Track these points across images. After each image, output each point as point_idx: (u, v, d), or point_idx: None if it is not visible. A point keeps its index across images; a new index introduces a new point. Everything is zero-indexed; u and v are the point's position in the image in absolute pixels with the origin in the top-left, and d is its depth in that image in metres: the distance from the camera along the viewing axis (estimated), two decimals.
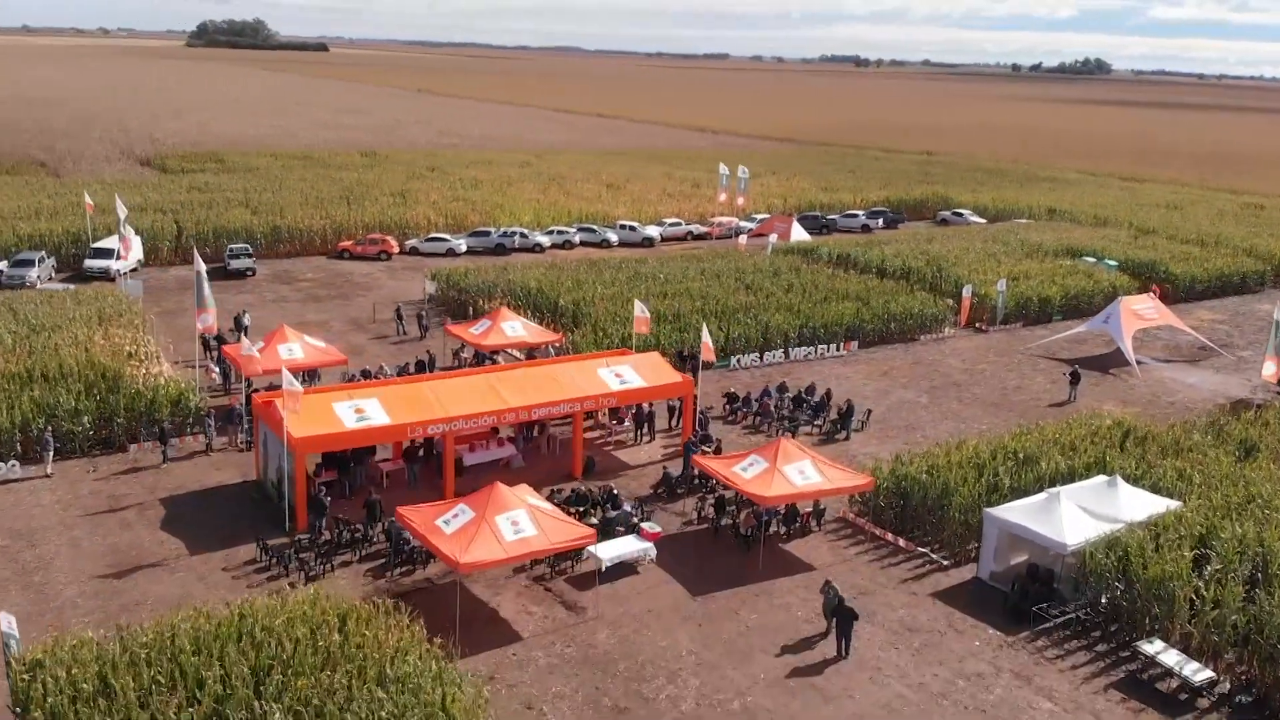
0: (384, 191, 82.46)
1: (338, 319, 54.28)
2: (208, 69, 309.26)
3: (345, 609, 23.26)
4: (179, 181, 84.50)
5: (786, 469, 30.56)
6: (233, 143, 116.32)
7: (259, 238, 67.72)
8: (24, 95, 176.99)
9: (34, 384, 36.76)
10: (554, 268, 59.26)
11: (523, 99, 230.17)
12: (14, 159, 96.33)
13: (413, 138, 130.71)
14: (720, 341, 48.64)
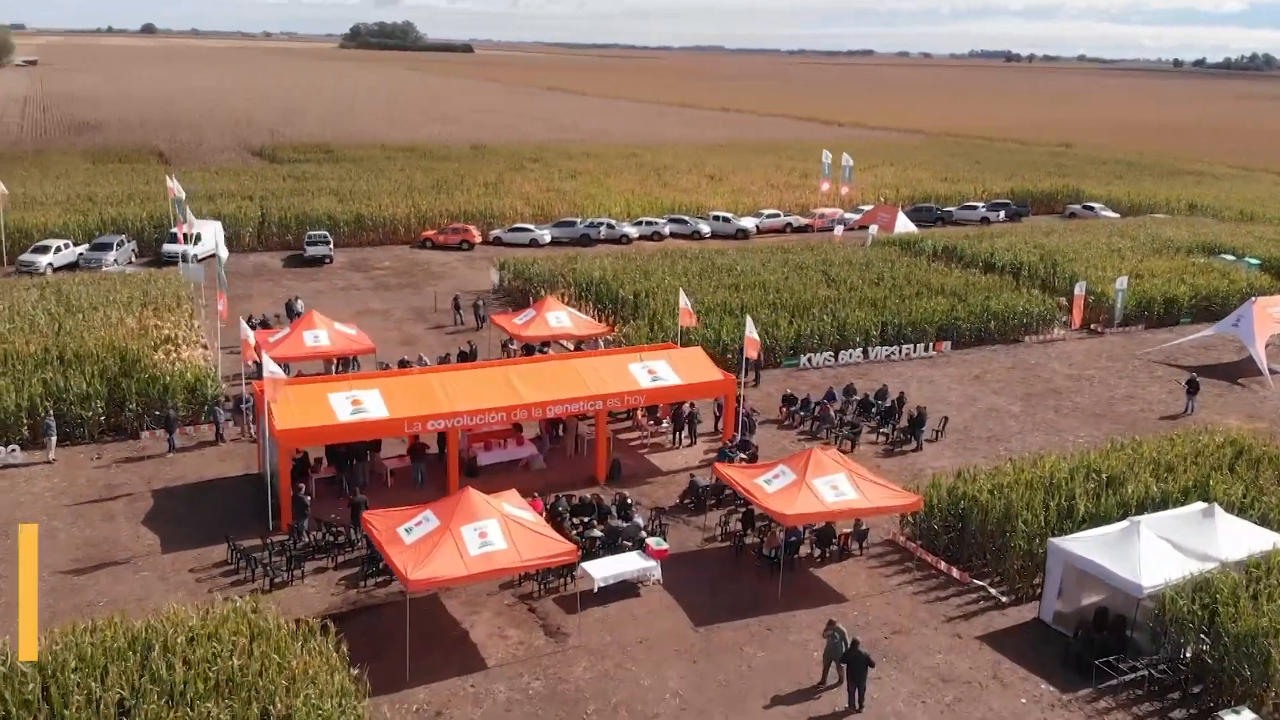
0: (478, 182, 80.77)
1: (401, 308, 52.27)
2: (351, 69, 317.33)
3: (260, 628, 20.41)
4: (279, 171, 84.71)
5: (816, 483, 26.49)
6: (350, 135, 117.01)
7: (342, 226, 66.61)
8: (168, 92, 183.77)
9: (48, 367, 35.45)
10: (625, 258, 55.95)
11: (649, 95, 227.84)
12: (135, 149, 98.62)
13: (528, 132, 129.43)
14: (790, 338, 44.55)
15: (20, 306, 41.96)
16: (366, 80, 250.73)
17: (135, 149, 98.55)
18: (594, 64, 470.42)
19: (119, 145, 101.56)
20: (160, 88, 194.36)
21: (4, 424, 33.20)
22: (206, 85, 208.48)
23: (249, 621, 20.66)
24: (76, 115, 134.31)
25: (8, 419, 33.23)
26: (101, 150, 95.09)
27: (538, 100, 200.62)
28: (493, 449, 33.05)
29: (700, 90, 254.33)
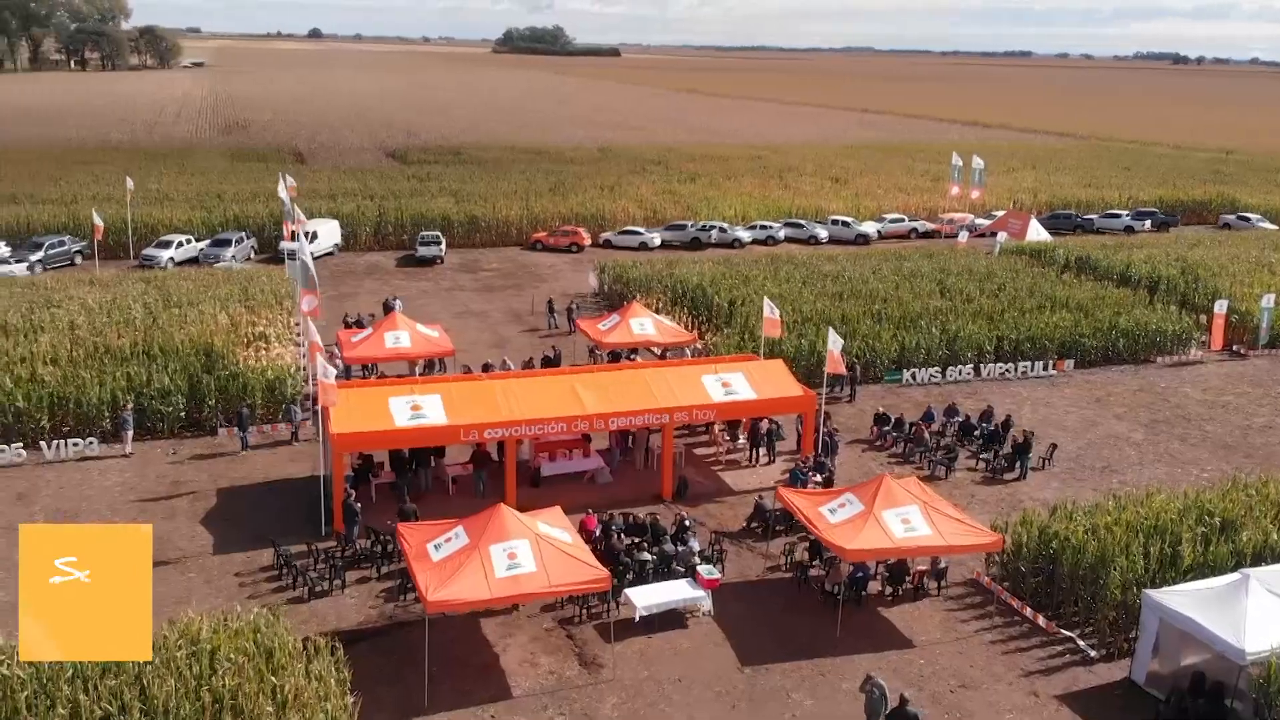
0: (596, 185, 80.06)
1: (499, 309, 51.73)
2: (498, 73, 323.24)
3: (266, 645, 19.56)
4: (405, 172, 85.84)
5: (885, 515, 24.27)
6: (484, 137, 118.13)
7: (456, 226, 66.76)
8: (322, 94, 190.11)
9: (133, 361, 35.94)
10: (728, 263, 54.15)
11: (788, 97, 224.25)
12: (275, 148, 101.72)
13: (658, 134, 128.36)
14: (893, 351, 41.98)
15: (122, 300, 42.94)
16: (510, 84, 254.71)
17: (275, 148, 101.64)
18: (739, 66, 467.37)
19: (260, 145, 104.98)
20: (314, 90, 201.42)
21: (86, 416, 33.75)
22: (358, 88, 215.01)
23: (257, 637, 19.84)
24: (229, 115, 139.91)
25: (90, 411, 33.75)
26: (242, 149, 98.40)
27: (674, 103, 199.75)
28: (557, 459, 31.81)
29: (843, 91, 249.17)
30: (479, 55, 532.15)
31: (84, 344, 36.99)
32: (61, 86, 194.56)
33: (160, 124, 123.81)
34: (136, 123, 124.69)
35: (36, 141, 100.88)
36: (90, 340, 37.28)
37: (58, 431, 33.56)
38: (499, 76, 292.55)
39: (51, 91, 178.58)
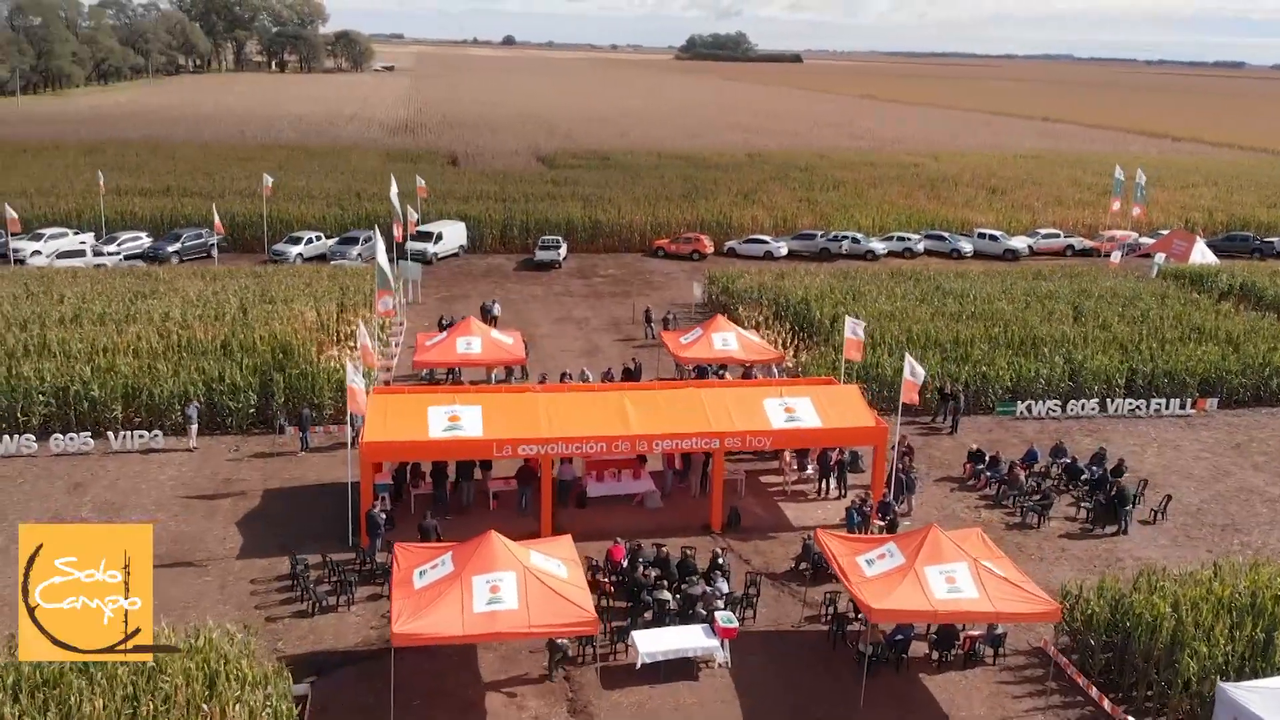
0: (732, 191, 77.81)
1: (601, 317, 50.36)
2: (676, 78, 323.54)
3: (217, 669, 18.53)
4: (547, 175, 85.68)
5: (928, 571, 21.47)
6: (638, 142, 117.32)
7: (579, 231, 65.91)
8: (492, 99, 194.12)
9: (208, 356, 36.19)
10: (845, 276, 51.07)
11: (970, 104, 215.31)
12: (433, 150, 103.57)
13: (816, 140, 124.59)
14: (1008, 380, 38.35)
15: (222, 294, 43.61)
16: (682, 90, 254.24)
17: (431, 151, 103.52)
18: (927, 73, 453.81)
19: (419, 147, 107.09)
20: (491, 95, 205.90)
21: (158, 409, 34.11)
22: (533, 93, 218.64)
23: (211, 657, 18.87)
24: (403, 117, 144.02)
25: (160, 404, 34.08)
26: (399, 151, 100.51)
27: (844, 109, 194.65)
28: (605, 480, 30.03)
29: (1028, 99, 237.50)
30: (662, 62, 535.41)
31: (169, 336, 37.51)
32: (256, 86, 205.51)
33: (333, 125, 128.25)
34: (312, 123, 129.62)
35: (209, 138, 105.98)
36: (175, 333, 37.80)
37: (129, 422, 34.04)
38: (673, 82, 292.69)
39: (244, 90, 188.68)
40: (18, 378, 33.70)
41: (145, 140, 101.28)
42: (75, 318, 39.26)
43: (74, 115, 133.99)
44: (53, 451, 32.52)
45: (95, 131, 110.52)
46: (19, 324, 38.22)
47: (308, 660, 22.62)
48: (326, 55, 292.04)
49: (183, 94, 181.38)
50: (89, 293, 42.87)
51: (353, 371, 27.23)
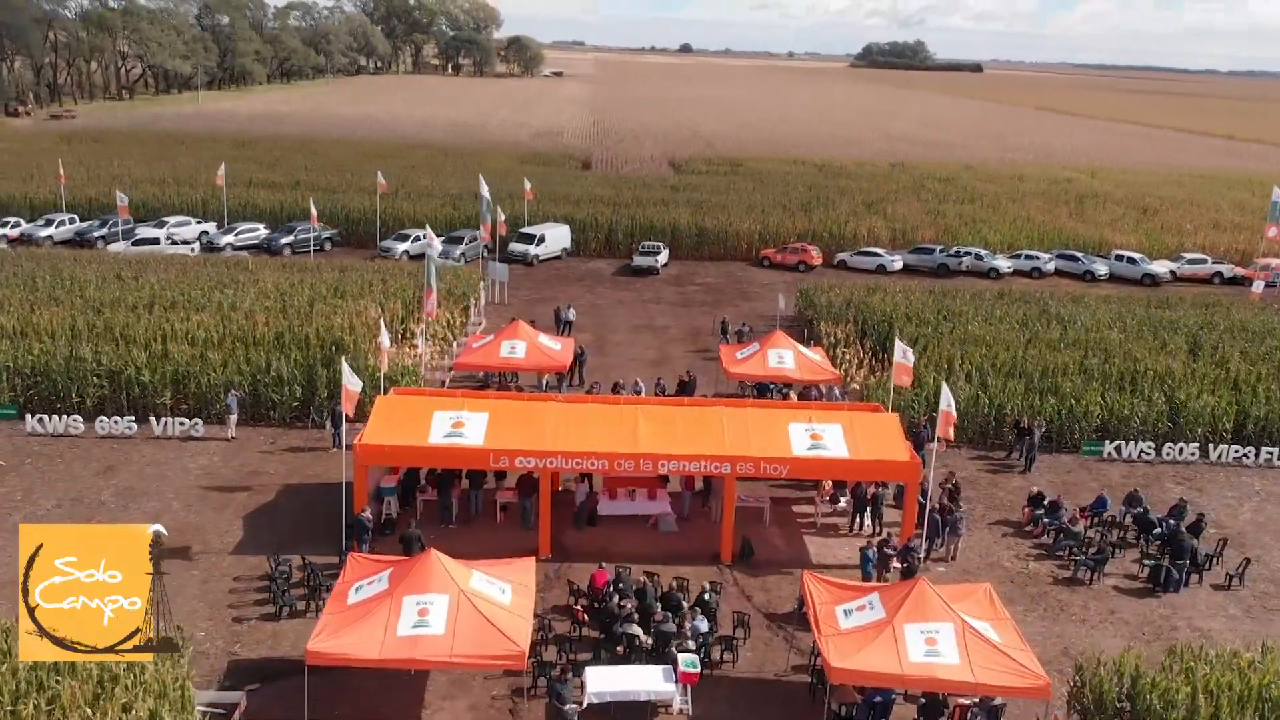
0: (854, 200, 74.74)
1: (682, 326, 48.72)
2: (843, 86, 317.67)
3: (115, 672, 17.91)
4: (668, 181, 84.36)
5: (907, 630, 19.14)
6: (779, 148, 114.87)
7: (685, 237, 64.38)
8: (651, 104, 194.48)
9: (260, 347, 36.37)
10: (943, 294, 47.83)
11: (1151, 119, 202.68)
12: (568, 154, 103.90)
13: (967, 151, 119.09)
14: (1098, 417, 34.85)
15: (298, 287, 44.02)
16: (851, 97, 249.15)
17: (567, 154, 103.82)
18: (1115, 86, 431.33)
19: (558, 149, 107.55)
20: (653, 100, 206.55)
21: (204, 397, 34.44)
22: (694, 99, 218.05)
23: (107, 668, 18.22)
24: (555, 121, 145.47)
25: (206, 393, 34.40)
26: (533, 154, 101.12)
27: (1012, 121, 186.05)
28: (618, 498, 28.47)
29: (1221, 116, 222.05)
30: (836, 70, 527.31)
31: (230, 326, 37.91)
32: (427, 88, 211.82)
33: (484, 128, 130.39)
34: (464, 125, 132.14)
35: (360, 136, 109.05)
36: (237, 323, 38.17)
37: (177, 409, 34.47)
38: (841, 90, 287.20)
39: (414, 92, 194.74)
40: (76, 359, 34.57)
41: (293, 137, 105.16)
42: (149, 304, 40.17)
43: (244, 111, 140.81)
44: (98, 433, 33.21)
45: (256, 127, 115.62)
46: (94, 308, 39.35)
47: (260, 666, 21.98)
48: (499, 60, 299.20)
49: (356, 94, 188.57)
50: (173, 280, 43.96)
51: (348, 373, 26.53)
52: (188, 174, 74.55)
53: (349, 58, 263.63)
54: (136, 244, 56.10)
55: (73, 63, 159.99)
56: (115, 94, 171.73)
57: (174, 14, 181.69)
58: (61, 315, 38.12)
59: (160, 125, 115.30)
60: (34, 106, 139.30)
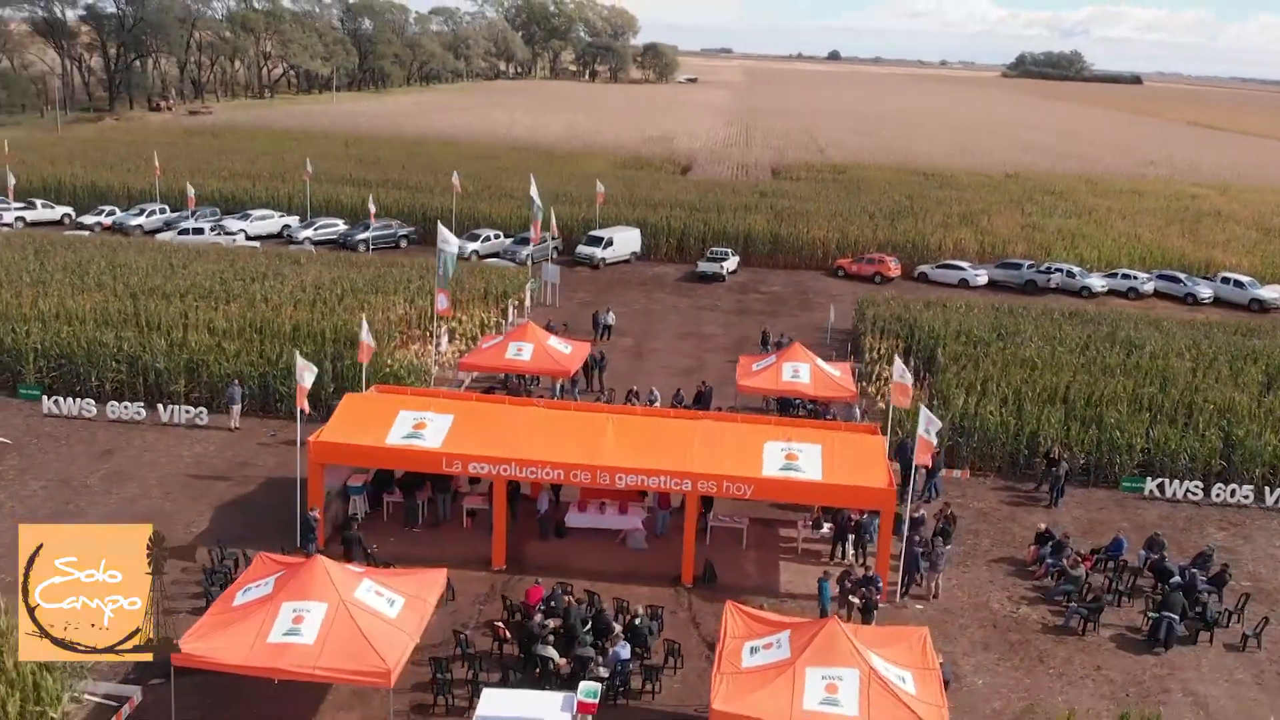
0: (949, 211, 71.42)
1: (731, 335, 47.08)
2: (991, 95, 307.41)
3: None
4: (760, 187, 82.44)
5: (810, 673, 17.43)
6: (896, 157, 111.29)
7: (758, 244, 62.59)
8: (776, 110, 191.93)
9: (276, 338, 36.49)
10: (1006, 312, 44.95)
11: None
12: (666, 159, 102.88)
13: (1097, 163, 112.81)
14: (1142, 451, 31.90)
15: (340, 281, 44.22)
16: (992, 106, 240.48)
17: (669, 159, 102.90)
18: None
19: (661, 154, 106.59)
20: (780, 106, 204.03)
21: (215, 386, 34.71)
22: (826, 107, 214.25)
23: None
24: (662, 127, 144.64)
25: (215, 383, 34.66)
26: (634, 157, 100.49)
27: (1153, 134, 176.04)
28: (588, 511, 27.25)
29: None
30: (987, 79, 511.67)
31: (252, 317, 38.17)
32: (557, 93, 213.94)
33: (599, 133, 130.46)
34: (578, 130, 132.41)
35: (465, 137, 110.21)
36: (260, 315, 38.43)
37: (189, 397, 34.82)
38: (985, 99, 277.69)
39: (543, 96, 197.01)
40: (98, 344, 35.30)
41: (405, 137, 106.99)
42: (184, 293, 40.84)
43: (371, 111, 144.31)
44: (108, 417, 33.75)
45: (375, 126, 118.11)
46: (131, 295, 40.23)
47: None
48: (635, 66, 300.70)
49: (485, 98, 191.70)
50: (217, 270, 44.68)
51: (301, 365, 26.12)
52: (284, 169, 76.42)
53: (488, 63, 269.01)
54: (182, 234, 57.80)
55: (215, 61, 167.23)
56: (257, 93, 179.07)
57: (317, 17, 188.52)
58: (98, 301, 39.05)
59: (284, 123, 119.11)
60: (175, 102, 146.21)
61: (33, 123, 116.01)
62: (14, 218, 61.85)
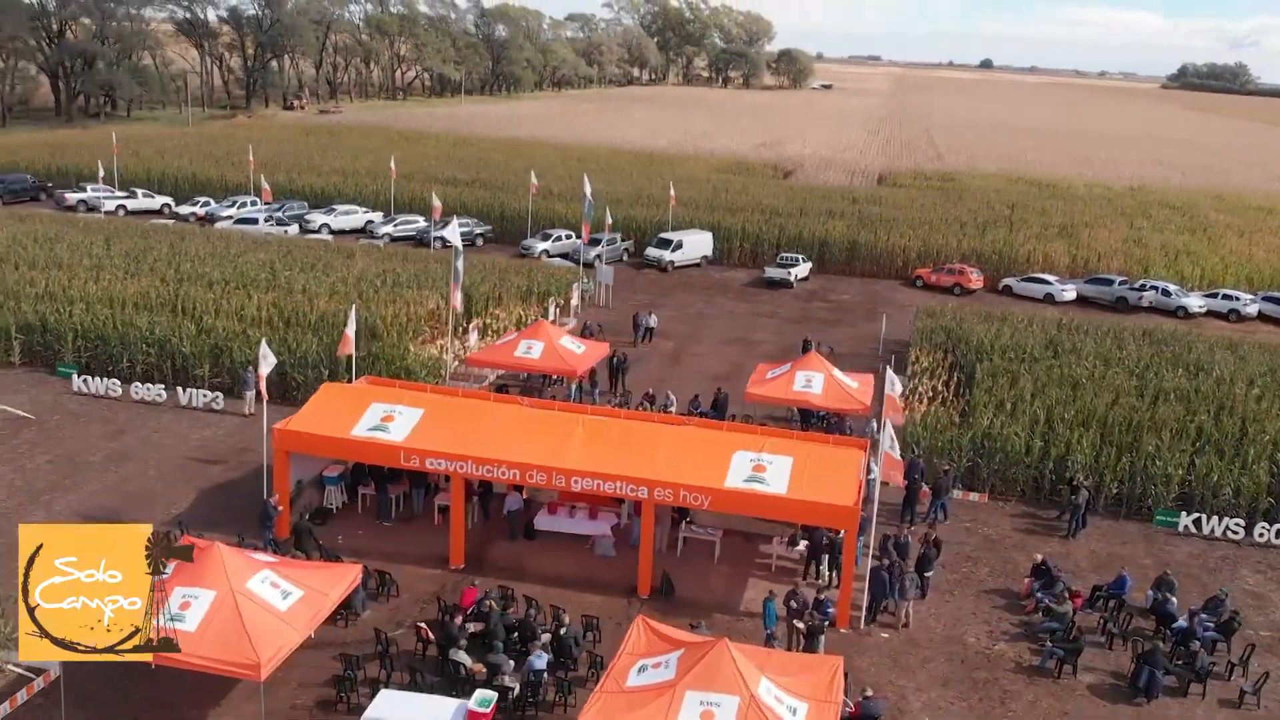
0: (1051, 223, 67.83)
1: (779, 343, 45.45)
2: (1148, 107, 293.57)
3: None
4: (850, 193, 79.83)
5: (689, 697, 16.29)
6: (1011, 164, 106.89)
7: (834, 251, 60.62)
8: (905, 118, 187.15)
9: (298, 328, 36.86)
10: (1070, 328, 42.10)
11: None
12: (767, 164, 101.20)
13: (1236, 179, 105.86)
14: (1181, 483, 29.30)
15: (386, 274, 44.55)
16: (1142, 119, 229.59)
17: (773, 164, 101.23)
18: None
19: (767, 159, 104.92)
20: (911, 114, 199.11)
21: (236, 372, 35.26)
22: (959, 118, 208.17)
23: None
24: (769, 133, 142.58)
25: (237, 368, 35.21)
26: (735, 162, 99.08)
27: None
28: (558, 514, 26.44)
29: None
30: (1144, 91, 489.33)
31: (287, 306, 38.68)
32: (683, 98, 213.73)
33: (710, 136, 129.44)
34: (690, 134, 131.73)
35: (570, 141, 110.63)
36: (294, 304, 38.90)
37: (211, 382, 35.46)
38: (1138, 112, 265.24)
39: (668, 101, 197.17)
40: (131, 327, 36.31)
41: (513, 140, 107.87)
42: (227, 281, 41.72)
43: (492, 115, 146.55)
44: (131, 398, 34.64)
45: (492, 129, 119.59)
46: (178, 280, 41.30)
47: None
48: (769, 72, 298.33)
49: (610, 103, 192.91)
50: (267, 260, 45.55)
51: (264, 353, 26.24)
52: (379, 166, 77.90)
53: (621, 69, 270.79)
54: (239, 223, 59.54)
55: (349, 63, 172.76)
56: (390, 94, 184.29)
57: (452, 22, 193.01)
58: (144, 286, 40.21)
59: (406, 124, 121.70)
60: (309, 102, 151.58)
61: (170, 118, 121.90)
62: (115, 206, 64.78)
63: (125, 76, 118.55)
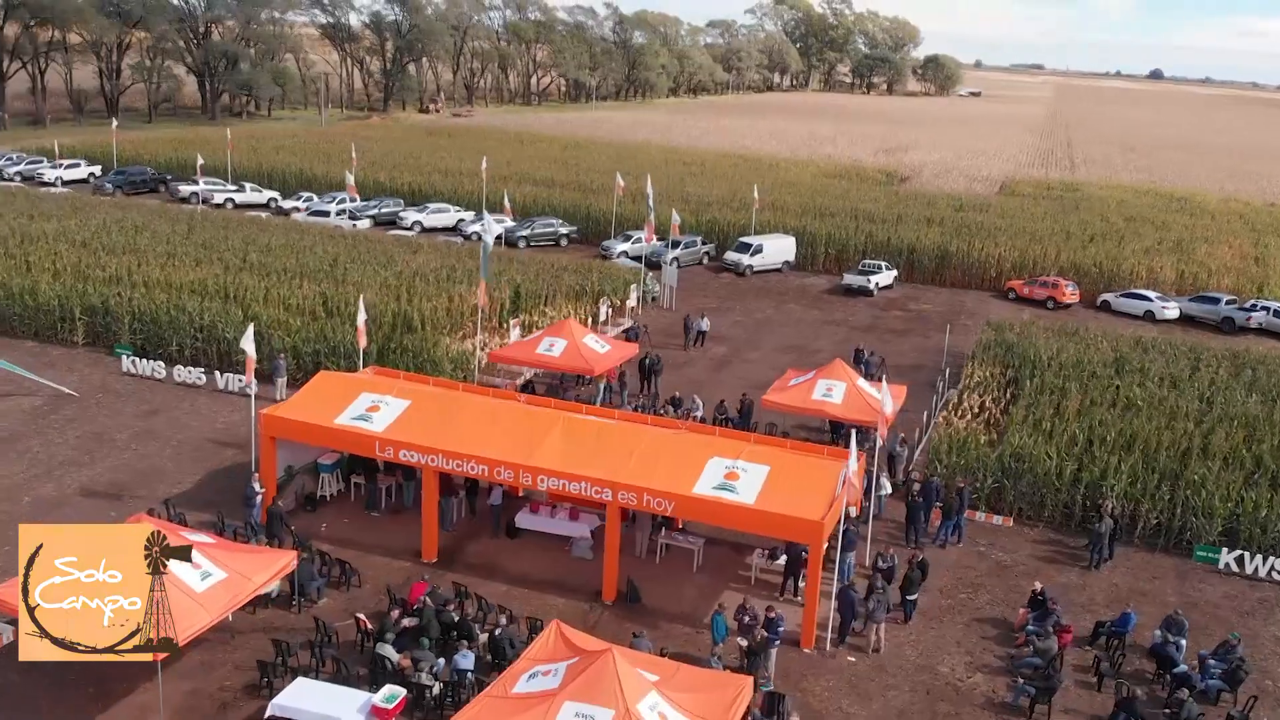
0: (1166, 237, 63.62)
1: (835, 350, 42.92)
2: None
3: None
4: (958, 200, 76.58)
5: (566, 708, 15.64)
6: (1145, 176, 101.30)
7: (924, 259, 58.31)
8: (1063, 129, 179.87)
9: (337, 318, 37.38)
10: (1148, 347, 39.18)
11: None
12: (880, 170, 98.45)
13: None
14: (1225, 518, 26.82)
15: (431, 270, 44.87)
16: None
17: (889, 170, 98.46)
18: None
19: (875, 165, 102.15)
20: (1067, 124, 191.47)
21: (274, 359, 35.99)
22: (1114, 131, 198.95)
23: None
24: (897, 140, 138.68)
25: (276, 355, 35.93)
26: (843, 168, 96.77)
27: None
28: (539, 512, 25.88)
29: None
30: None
31: (334, 296, 39.29)
32: (822, 105, 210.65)
33: (833, 141, 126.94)
34: (815, 138, 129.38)
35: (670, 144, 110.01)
36: (341, 295, 39.48)
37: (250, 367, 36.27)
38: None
39: (805, 108, 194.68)
40: (182, 311, 37.49)
41: (628, 144, 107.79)
42: (287, 270, 42.67)
43: (616, 120, 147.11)
44: (174, 380, 35.73)
45: (616, 134, 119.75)
46: (239, 269, 42.52)
47: None
48: (914, 79, 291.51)
49: (742, 108, 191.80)
50: (332, 252, 46.47)
51: (248, 338, 26.69)
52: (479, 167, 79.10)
53: (761, 75, 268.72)
54: (313, 214, 61.76)
55: (485, 68, 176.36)
56: (526, 99, 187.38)
57: (589, 29, 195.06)
58: (205, 273, 41.50)
59: (531, 128, 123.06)
60: (443, 105, 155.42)
61: (309, 118, 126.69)
62: (224, 199, 67.45)
63: (265, 77, 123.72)
